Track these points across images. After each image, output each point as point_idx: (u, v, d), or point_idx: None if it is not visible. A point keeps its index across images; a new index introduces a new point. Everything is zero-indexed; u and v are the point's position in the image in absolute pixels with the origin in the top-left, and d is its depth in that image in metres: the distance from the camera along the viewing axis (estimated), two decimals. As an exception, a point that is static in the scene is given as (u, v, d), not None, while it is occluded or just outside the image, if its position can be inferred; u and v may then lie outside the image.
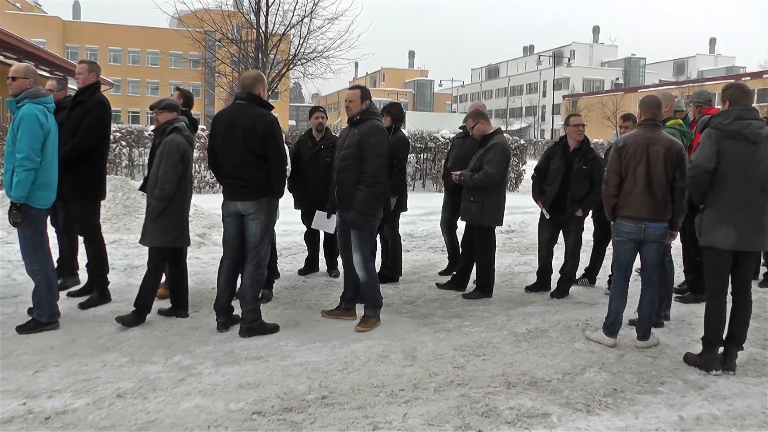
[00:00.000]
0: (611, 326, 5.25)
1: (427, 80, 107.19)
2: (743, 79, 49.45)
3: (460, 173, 6.65)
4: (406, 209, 7.25)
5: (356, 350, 4.94)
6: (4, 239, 8.65)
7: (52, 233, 5.82)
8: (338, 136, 5.93)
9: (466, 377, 4.46)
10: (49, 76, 36.85)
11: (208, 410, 3.87)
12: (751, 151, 4.58)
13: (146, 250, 5.69)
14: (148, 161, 6.53)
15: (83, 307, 5.92)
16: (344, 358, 4.77)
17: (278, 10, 20.51)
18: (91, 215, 6.16)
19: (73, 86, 12.36)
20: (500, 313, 6.12)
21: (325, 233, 7.34)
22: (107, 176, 6.60)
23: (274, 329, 5.34)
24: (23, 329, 5.23)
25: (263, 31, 20.38)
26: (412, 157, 17.74)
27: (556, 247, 7.14)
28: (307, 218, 7.44)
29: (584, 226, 6.93)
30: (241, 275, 5.38)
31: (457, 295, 6.74)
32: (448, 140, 18.11)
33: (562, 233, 7.00)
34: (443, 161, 17.69)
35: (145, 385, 4.21)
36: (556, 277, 7.03)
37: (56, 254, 6.29)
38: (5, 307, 5.92)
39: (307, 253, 7.79)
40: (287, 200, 6.59)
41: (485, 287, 6.70)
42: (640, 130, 5.13)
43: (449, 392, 4.21)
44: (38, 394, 4.06)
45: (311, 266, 7.66)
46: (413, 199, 7.41)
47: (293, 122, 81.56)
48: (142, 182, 6.32)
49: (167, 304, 5.82)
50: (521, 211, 12.91)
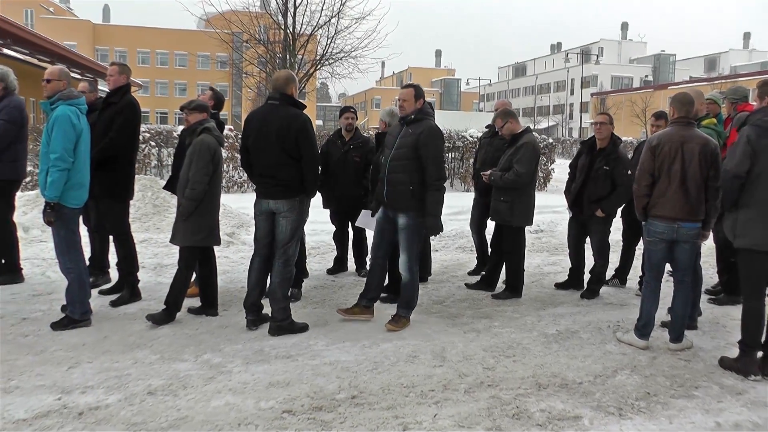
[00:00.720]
0: (643, 328, 5.16)
1: (453, 79, 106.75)
2: (779, 75, 48.51)
3: (490, 173, 6.60)
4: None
5: (386, 350, 4.93)
6: (38, 238, 8.81)
7: (83, 232, 5.90)
8: (388, 133, 5.85)
9: (496, 378, 4.42)
10: (80, 78, 37.48)
11: (238, 408, 3.89)
12: None
13: (175, 248, 5.74)
14: (173, 161, 6.59)
15: (114, 304, 6.00)
16: (374, 357, 4.75)
17: (306, 10, 20.62)
18: (120, 215, 6.23)
19: (103, 88, 12.54)
20: (530, 313, 6.07)
21: (354, 233, 7.35)
22: (136, 176, 6.67)
23: (303, 328, 5.35)
24: (57, 326, 5.31)
25: (291, 31, 20.46)
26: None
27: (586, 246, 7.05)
28: (336, 218, 7.45)
29: (610, 226, 6.82)
30: (271, 274, 5.40)
31: (486, 295, 6.69)
32: (476, 139, 18.01)
33: (588, 233, 6.92)
34: (471, 161, 17.73)
35: (175, 382, 4.25)
36: (587, 277, 6.95)
37: (88, 253, 6.36)
38: (40, 304, 6.02)
39: (335, 252, 7.80)
40: (316, 199, 6.60)
41: (515, 287, 6.65)
42: (673, 128, 5.03)
43: (479, 393, 4.17)
44: (72, 389, 4.11)
45: (340, 266, 7.67)
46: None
47: (320, 122, 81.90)
48: (166, 181, 6.38)
49: (197, 302, 5.86)
50: (550, 210, 12.79)
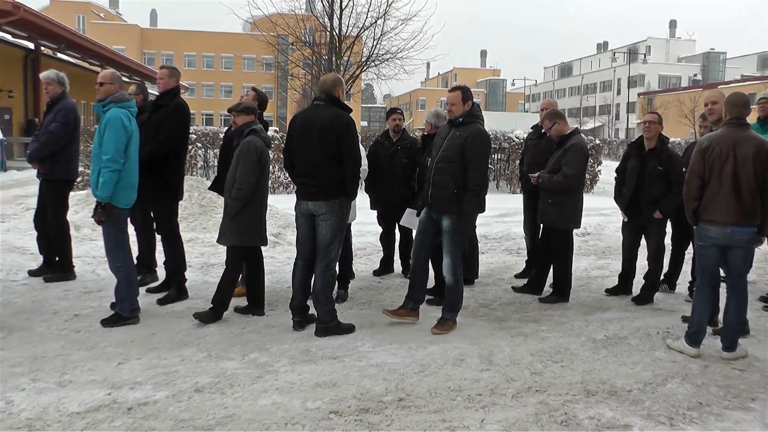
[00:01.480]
0: (694, 335, 5.01)
1: (499, 79, 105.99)
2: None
3: (538, 175, 6.52)
4: (484, 210, 7.16)
5: (432, 353, 4.89)
6: (88, 236, 9.03)
7: (131, 231, 6.01)
8: (436, 135, 5.83)
9: (544, 384, 4.36)
10: (128, 81, 38.36)
11: (285, 408, 3.90)
12: None
13: (222, 248, 5.81)
14: (218, 161, 6.69)
15: (161, 303, 6.10)
16: (420, 360, 4.73)
17: (351, 12, 20.67)
18: (169, 215, 6.34)
19: (152, 91, 12.78)
20: (578, 318, 5.97)
21: (401, 234, 7.34)
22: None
23: (350, 329, 5.36)
24: (107, 323, 5.43)
25: (336, 33, 20.54)
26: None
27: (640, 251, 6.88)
28: (383, 219, 7.46)
29: (665, 229, 6.67)
30: (314, 275, 5.41)
31: (533, 298, 6.61)
32: (522, 140, 17.83)
33: (644, 237, 6.76)
34: (517, 162, 17.54)
35: (222, 380, 4.29)
36: (638, 282, 6.78)
37: (135, 252, 6.49)
38: (90, 300, 6.16)
39: (382, 253, 7.80)
40: (364, 201, 6.61)
41: (562, 291, 6.55)
42: (725, 129, 4.88)
43: (527, 399, 4.11)
44: (121, 385, 4.19)
45: (386, 267, 7.67)
46: (487, 200, 7.31)
47: (365, 123, 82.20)
48: (211, 182, 6.47)
49: (244, 302, 5.92)
50: (597, 213, 12.58)
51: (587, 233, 10.45)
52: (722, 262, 4.95)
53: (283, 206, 10.60)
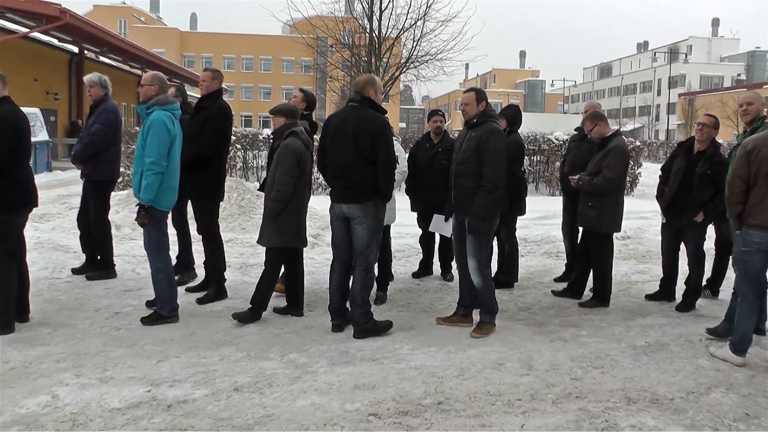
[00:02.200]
0: (739, 344, 4.87)
1: (538, 80, 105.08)
2: None
3: (578, 177, 6.43)
4: (524, 213, 7.11)
5: (472, 356, 4.86)
6: (128, 236, 9.19)
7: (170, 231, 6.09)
8: (456, 138, 5.87)
9: (584, 390, 4.29)
10: (169, 83, 39.01)
11: (323, 409, 3.91)
12: None
13: (261, 249, 5.85)
14: (266, 164, 6.74)
15: (201, 302, 6.17)
16: (460, 364, 4.70)
17: (391, 14, 20.67)
18: (210, 215, 6.40)
19: (193, 93, 12.96)
20: (618, 323, 5.87)
21: (441, 236, 7.31)
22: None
23: (387, 327, 5.35)
24: (147, 321, 5.52)
25: (376, 35, 20.57)
26: (524, 159, 17.41)
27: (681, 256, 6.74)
28: (422, 221, 7.44)
29: (705, 233, 6.49)
30: (352, 277, 5.41)
31: (573, 303, 6.52)
32: (561, 142, 17.61)
33: (683, 241, 6.62)
34: (557, 164, 17.34)
35: (261, 380, 4.31)
36: (680, 288, 6.63)
37: (174, 252, 6.57)
38: (131, 299, 6.27)
39: (421, 256, 7.77)
40: (403, 202, 6.59)
41: (602, 296, 6.45)
42: None
43: (567, 405, 4.05)
44: (161, 382, 4.25)
45: (425, 269, 7.64)
46: (527, 203, 7.26)
47: (403, 125, 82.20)
48: (260, 184, 6.52)
49: (282, 302, 5.95)
50: (637, 216, 12.36)
51: (627, 237, 10.27)
52: None
53: (322, 207, 10.57)
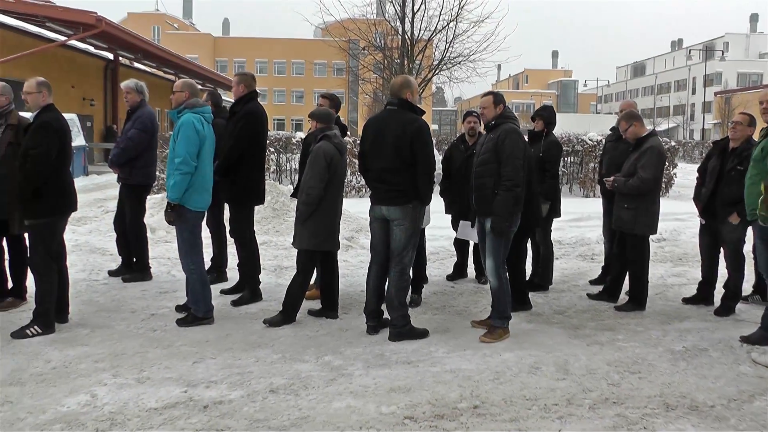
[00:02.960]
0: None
1: (570, 80, 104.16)
2: None
3: (613, 179, 6.35)
4: (559, 215, 7.05)
5: (507, 360, 4.82)
6: (163, 238, 9.31)
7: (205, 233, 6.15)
8: (477, 143, 5.90)
9: (621, 395, 4.22)
10: (202, 88, 39.52)
11: (359, 411, 3.91)
12: None
13: (295, 251, 5.88)
14: (298, 167, 6.79)
15: (235, 304, 6.22)
16: (495, 367, 4.66)
17: (423, 15, 20.64)
18: (245, 218, 6.45)
19: (227, 98, 13.09)
20: (654, 327, 5.76)
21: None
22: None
23: (423, 334, 5.33)
24: (182, 322, 5.59)
25: (408, 37, 20.55)
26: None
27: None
28: (457, 224, 7.40)
29: (745, 234, 6.33)
30: (388, 279, 5.42)
31: (608, 306, 6.42)
32: (596, 143, 17.39)
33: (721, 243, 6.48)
34: (591, 165, 17.12)
35: (296, 382, 4.33)
36: (719, 291, 6.49)
37: (208, 254, 6.62)
38: (166, 301, 6.35)
39: (455, 258, 7.75)
40: (438, 205, 6.58)
41: (638, 299, 6.34)
42: None
43: (604, 411, 3.99)
44: (197, 383, 4.30)
45: (460, 272, 7.60)
46: (561, 204, 7.19)
47: (436, 126, 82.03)
48: (294, 189, 6.57)
49: (318, 305, 5.97)
50: (673, 217, 12.16)
51: (663, 239, 10.10)
52: None
53: (355, 210, 10.66)
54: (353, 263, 8.16)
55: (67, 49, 24.54)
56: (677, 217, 12.33)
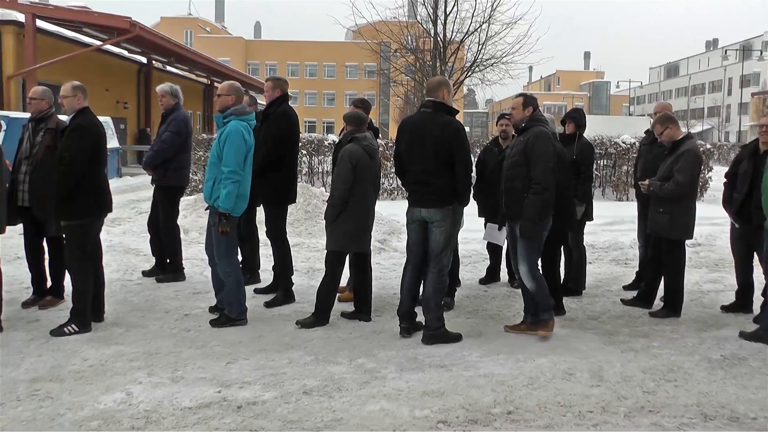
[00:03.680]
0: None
1: (603, 82, 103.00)
2: None
3: (648, 182, 6.26)
4: (592, 218, 6.97)
5: (541, 365, 4.78)
6: (196, 240, 9.39)
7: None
8: (508, 147, 5.87)
9: (657, 404, 4.15)
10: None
11: (393, 415, 3.91)
12: None
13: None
14: (330, 170, 6.83)
15: (269, 305, 6.26)
16: (529, 372, 4.62)
17: (456, 17, 20.57)
18: (278, 219, 6.50)
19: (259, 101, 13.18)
20: (690, 335, 5.65)
21: (508, 242, 7.24)
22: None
23: (457, 338, 5.32)
24: (216, 323, 5.64)
25: (441, 39, 20.50)
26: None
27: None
28: (488, 227, 7.38)
29: None
30: (423, 282, 5.41)
31: (643, 312, 6.32)
32: (629, 146, 17.14)
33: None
34: (625, 168, 16.87)
35: (330, 384, 4.34)
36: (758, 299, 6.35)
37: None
38: (199, 301, 6.42)
39: (488, 261, 7.71)
40: (471, 207, 6.56)
41: (674, 306, 6.23)
42: None
43: (640, 419, 3.93)
44: (231, 383, 4.33)
45: (492, 276, 7.56)
46: (593, 208, 7.11)
47: (467, 129, 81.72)
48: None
49: (350, 307, 5.98)
50: (708, 222, 11.91)
51: (698, 244, 9.92)
52: None
53: (388, 212, 10.66)
54: (386, 266, 8.16)
55: (102, 53, 24.99)
56: (713, 221, 12.08)
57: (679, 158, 6.07)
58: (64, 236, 5.56)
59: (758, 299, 6.28)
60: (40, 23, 20.94)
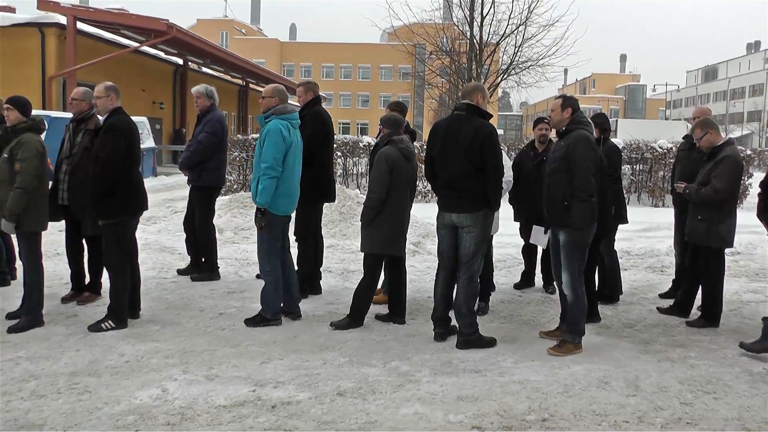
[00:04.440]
0: None
1: (638, 85, 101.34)
2: None
3: (685, 186, 6.14)
4: (626, 221, 6.87)
5: (576, 373, 4.71)
6: (230, 239, 9.49)
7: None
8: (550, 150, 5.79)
9: (695, 416, 4.06)
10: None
11: (427, 419, 3.90)
12: None
13: (362, 255, 5.90)
14: (366, 171, 6.85)
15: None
16: (564, 380, 4.57)
17: (492, 20, 20.45)
18: (306, 217, 6.53)
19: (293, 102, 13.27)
20: (730, 346, 5.51)
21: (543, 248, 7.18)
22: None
23: (491, 343, 5.28)
24: (250, 322, 5.68)
25: (477, 41, 20.40)
26: (626, 168, 16.73)
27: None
28: (525, 231, 7.31)
29: None
30: (456, 287, 5.38)
31: (680, 321, 6.20)
32: (665, 150, 16.87)
33: None
34: (661, 173, 16.59)
35: (364, 386, 4.35)
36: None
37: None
38: (234, 300, 6.47)
39: (523, 266, 7.64)
40: (506, 212, 6.51)
41: (712, 316, 6.09)
42: None
43: (677, 431, 3.86)
44: (265, 383, 4.36)
45: (527, 281, 7.50)
46: (629, 213, 7.01)
47: (501, 131, 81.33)
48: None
49: (385, 309, 5.98)
50: (748, 230, 11.60)
51: (737, 252, 9.74)
52: None
53: (422, 215, 10.63)
54: (420, 269, 8.14)
55: (139, 54, 25.40)
56: (753, 229, 11.74)
57: (718, 164, 5.95)
58: (101, 235, 5.66)
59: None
60: (80, 25, 21.39)
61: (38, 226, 5.52)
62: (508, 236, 8.48)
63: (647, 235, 11.16)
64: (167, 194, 15.74)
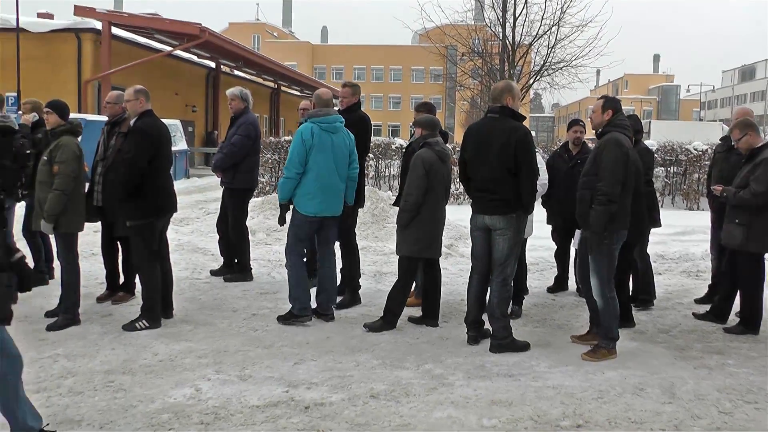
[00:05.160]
0: None
1: (672, 86, 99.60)
2: None
3: (722, 188, 6.02)
4: (659, 224, 6.75)
5: (611, 379, 4.64)
6: (263, 241, 9.54)
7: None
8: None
9: (735, 426, 3.96)
10: (300, 95, 40.65)
11: (460, 422, 3.88)
12: None
13: (395, 257, 5.91)
14: (399, 173, 6.84)
15: (337, 307, 6.27)
16: (598, 386, 4.50)
17: (525, 20, 20.31)
18: (345, 222, 6.52)
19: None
20: (770, 354, 5.38)
21: (576, 251, 7.10)
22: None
23: (525, 347, 5.23)
24: (281, 319, 5.78)
25: (509, 42, 20.27)
26: (660, 170, 16.47)
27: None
28: (557, 235, 7.24)
29: None
30: (489, 290, 5.34)
31: (717, 327, 6.06)
32: (701, 152, 16.57)
33: None
34: (696, 176, 16.29)
35: (397, 388, 4.34)
36: None
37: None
38: (267, 301, 6.52)
39: (556, 270, 7.57)
40: (540, 214, 6.46)
41: (751, 322, 5.93)
42: None
43: (717, 440, 3.77)
44: (298, 384, 4.38)
45: (560, 284, 7.41)
46: (662, 216, 6.89)
47: (533, 133, 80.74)
48: (395, 198, 6.61)
49: (418, 311, 5.97)
50: (787, 235, 11.39)
51: (776, 257, 9.50)
52: None
53: (454, 217, 10.58)
54: (453, 271, 8.10)
55: (172, 58, 25.80)
56: (791, 234, 11.54)
57: (757, 167, 5.81)
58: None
59: None
60: (115, 30, 21.81)
61: (75, 227, 5.64)
62: (540, 239, 8.39)
63: (682, 238, 10.96)
64: (200, 196, 15.91)
